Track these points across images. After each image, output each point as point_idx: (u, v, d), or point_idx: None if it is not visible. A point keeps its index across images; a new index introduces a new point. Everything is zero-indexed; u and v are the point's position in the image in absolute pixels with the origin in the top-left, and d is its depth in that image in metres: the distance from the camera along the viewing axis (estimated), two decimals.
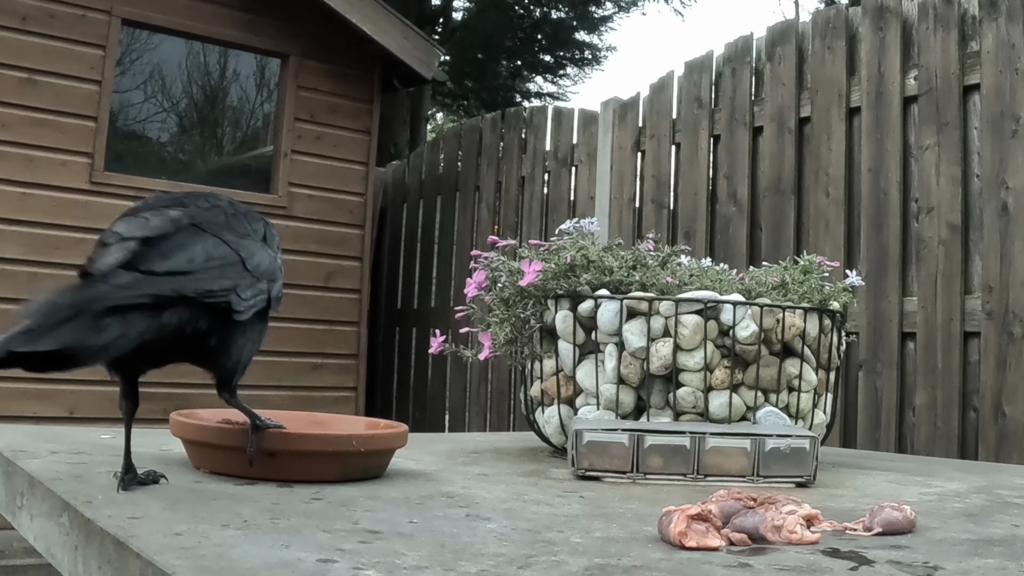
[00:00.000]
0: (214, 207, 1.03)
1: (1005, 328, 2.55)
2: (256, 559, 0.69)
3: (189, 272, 0.93)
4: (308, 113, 4.73)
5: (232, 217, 1.03)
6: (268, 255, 1.03)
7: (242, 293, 0.95)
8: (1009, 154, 2.59)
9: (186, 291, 0.90)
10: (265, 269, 1.01)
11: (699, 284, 1.51)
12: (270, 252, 1.05)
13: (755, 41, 3.40)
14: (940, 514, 1.03)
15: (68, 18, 4.11)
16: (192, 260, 0.94)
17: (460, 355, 1.64)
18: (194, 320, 0.92)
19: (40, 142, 4.04)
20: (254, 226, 1.06)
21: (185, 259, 0.93)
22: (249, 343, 1.00)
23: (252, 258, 1.00)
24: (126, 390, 1.00)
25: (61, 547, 0.88)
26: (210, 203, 1.03)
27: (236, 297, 0.95)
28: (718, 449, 1.20)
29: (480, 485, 1.14)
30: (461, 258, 4.71)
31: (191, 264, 0.93)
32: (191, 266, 0.93)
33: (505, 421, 4.35)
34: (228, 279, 0.95)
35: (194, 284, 0.91)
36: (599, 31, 12.28)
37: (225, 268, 0.96)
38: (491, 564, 0.71)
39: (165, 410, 1.19)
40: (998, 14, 2.64)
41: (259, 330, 1.02)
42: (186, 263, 0.93)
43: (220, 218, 1.01)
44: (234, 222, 1.03)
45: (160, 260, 0.92)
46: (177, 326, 0.91)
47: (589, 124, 4.12)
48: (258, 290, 0.98)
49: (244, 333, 0.98)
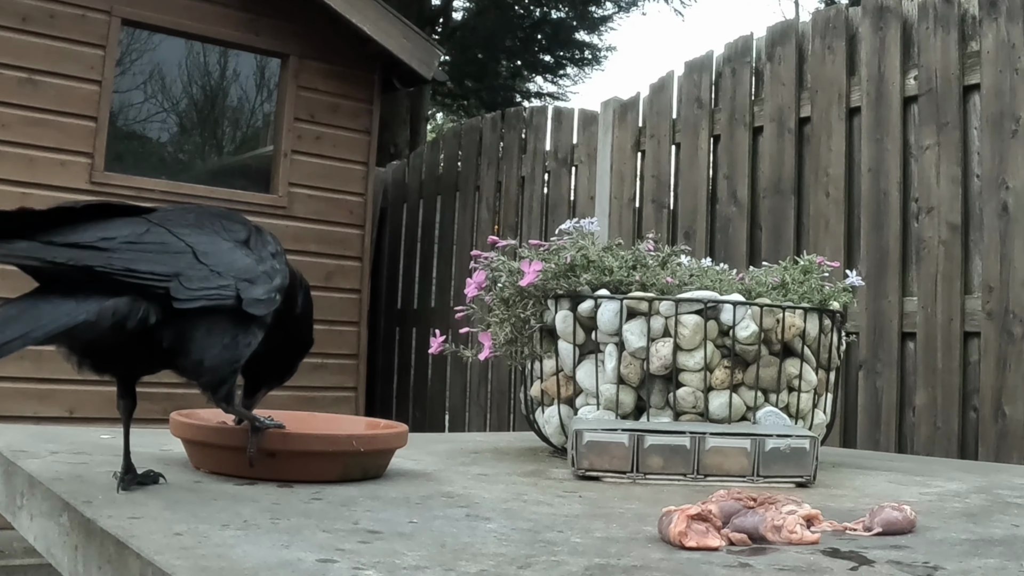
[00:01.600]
0: (188, 211, 0.99)
1: (1005, 328, 2.55)
2: (256, 559, 0.69)
3: (101, 248, 0.86)
4: (308, 113, 4.73)
5: (206, 218, 0.99)
6: (242, 256, 0.98)
7: (187, 283, 0.90)
8: (1009, 154, 2.59)
9: (88, 262, 0.83)
10: (233, 268, 0.96)
11: (699, 284, 1.51)
12: (250, 255, 1.00)
13: (755, 41, 3.40)
14: (940, 514, 1.03)
15: (68, 18, 4.11)
16: (110, 239, 0.87)
17: (460, 355, 1.64)
18: (134, 312, 0.87)
19: (40, 142, 4.04)
20: (231, 228, 1.01)
21: (98, 236, 0.87)
22: (214, 345, 0.94)
23: (210, 255, 0.94)
24: (122, 390, 1.00)
25: (61, 547, 0.88)
26: (190, 209, 1.00)
27: (177, 284, 0.89)
28: (718, 449, 1.20)
29: (480, 485, 1.14)
30: (461, 258, 4.71)
31: (107, 242, 0.86)
32: (106, 244, 0.86)
33: (505, 421, 4.35)
34: (165, 265, 0.90)
35: (106, 259, 0.85)
36: (599, 31, 12.28)
37: (164, 255, 0.91)
38: (491, 564, 0.71)
39: (165, 410, 1.19)
40: (998, 14, 2.64)
41: (232, 333, 0.96)
42: (97, 239, 0.86)
43: (186, 218, 0.97)
44: (205, 222, 0.98)
45: (69, 233, 0.85)
46: (113, 322, 0.86)
47: (589, 124, 4.12)
48: (215, 284, 0.93)
49: (208, 333, 0.93)
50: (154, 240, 0.91)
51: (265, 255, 1.02)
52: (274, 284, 1.01)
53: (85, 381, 4.04)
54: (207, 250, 0.95)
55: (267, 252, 1.03)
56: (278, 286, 1.02)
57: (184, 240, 0.94)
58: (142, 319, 0.89)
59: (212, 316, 0.93)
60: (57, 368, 3.84)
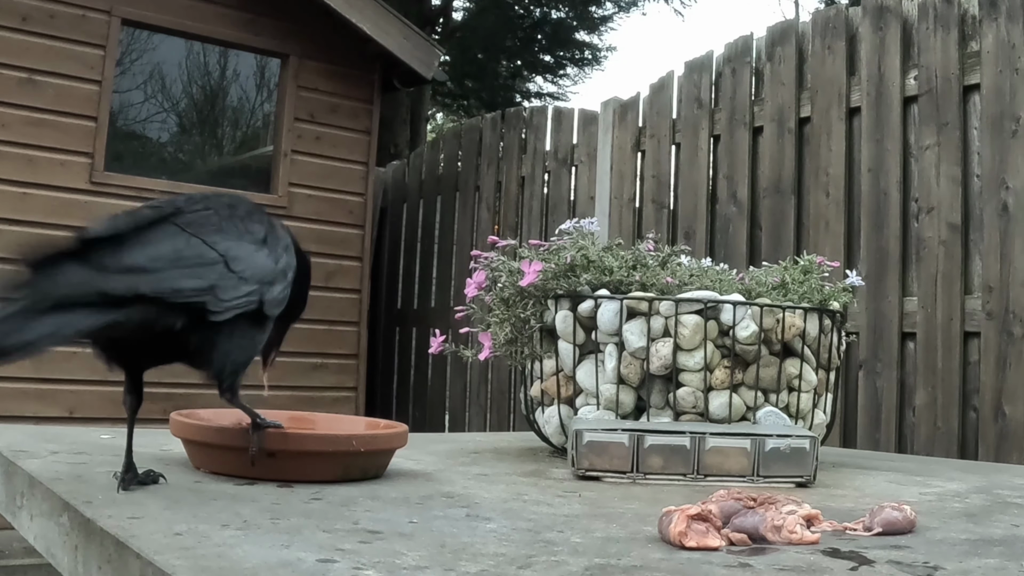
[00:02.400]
0: (209, 209, 1.01)
1: (1005, 328, 2.55)
2: (256, 559, 0.69)
3: (150, 270, 0.89)
4: (308, 113, 4.73)
5: (228, 220, 1.01)
6: (264, 258, 1.01)
7: (222, 295, 0.93)
8: (1009, 154, 2.59)
9: (141, 289, 0.86)
10: (257, 272, 0.99)
11: (699, 284, 1.51)
12: (269, 255, 1.02)
13: (755, 41, 3.40)
14: (940, 514, 1.03)
15: (68, 18, 4.11)
16: (157, 258, 0.90)
17: (460, 355, 1.64)
18: (162, 318, 0.90)
19: (40, 142, 4.04)
20: (251, 228, 1.03)
21: (146, 256, 0.90)
22: (236, 348, 0.97)
23: (239, 260, 0.97)
24: (130, 385, 1.00)
25: (61, 547, 0.88)
26: (209, 205, 1.01)
27: (212, 297, 0.92)
28: (718, 449, 1.20)
29: (480, 485, 1.14)
30: (461, 258, 4.71)
31: (154, 262, 0.90)
32: (154, 264, 0.90)
33: (505, 421, 4.35)
34: (202, 279, 0.93)
35: (155, 283, 0.88)
36: (599, 31, 12.28)
37: (201, 268, 0.93)
38: (491, 564, 0.71)
39: (165, 410, 1.19)
40: (998, 14, 2.64)
41: (251, 334, 1.00)
42: (147, 260, 0.89)
43: (212, 220, 0.99)
44: (228, 224, 1.00)
45: (117, 256, 0.88)
46: (140, 324, 0.88)
47: (589, 124, 4.12)
48: (244, 292, 0.96)
49: (230, 337, 0.96)
50: (192, 254, 0.94)
51: (279, 251, 1.06)
52: (288, 279, 1.05)
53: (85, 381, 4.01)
54: (236, 255, 0.97)
55: (281, 248, 1.06)
56: (290, 280, 1.06)
57: (216, 249, 0.96)
58: (170, 325, 0.91)
59: (235, 320, 0.96)
60: (57, 368, 3.85)
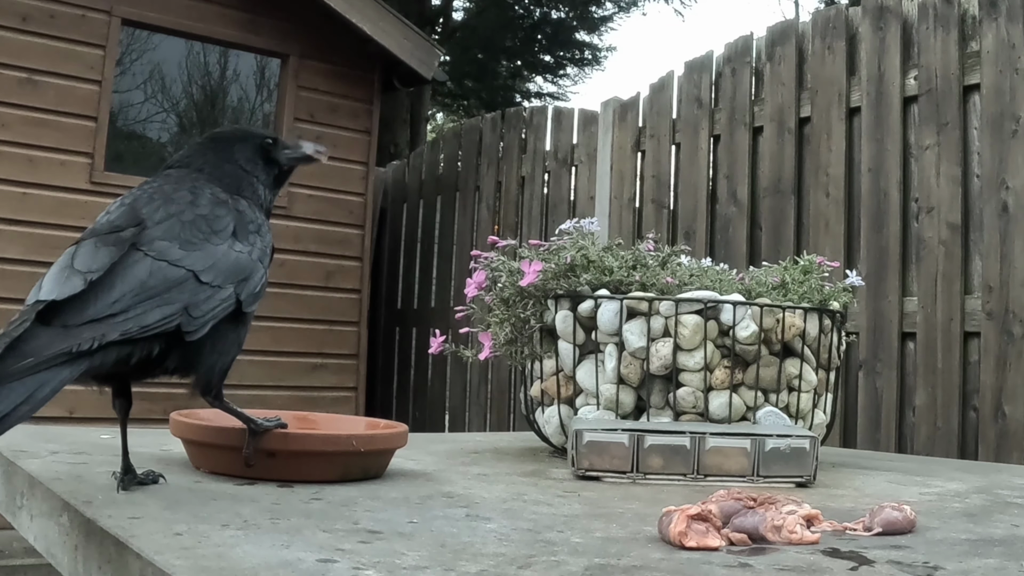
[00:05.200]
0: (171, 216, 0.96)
1: (1005, 328, 2.55)
2: (256, 559, 0.69)
3: (116, 313, 0.86)
4: (308, 113, 4.74)
5: (191, 224, 0.97)
6: (236, 254, 0.98)
7: (195, 312, 0.91)
8: (1009, 154, 2.59)
9: (109, 337, 0.84)
10: (231, 273, 0.96)
11: (699, 284, 1.51)
12: (242, 247, 0.99)
13: (755, 41, 3.40)
14: (940, 514, 1.03)
15: (68, 18, 4.11)
16: (120, 298, 0.87)
17: (460, 355, 1.64)
18: (138, 351, 0.89)
19: (40, 142, 4.05)
20: (218, 224, 0.99)
21: (109, 301, 0.87)
22: (218, 354, 0.97)
23: (209, 270, 0.94)
24: (117, 390, 1.00)
25: (61, 547, 0.88)
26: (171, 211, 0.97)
27: (186, 318, 0.90)
28: (718, 449, 1.20)
29: (480, 485, 1.14)
30: (461, 258, 4.71)
31: (118, 304, 0.87)
32: (118, 306, 0.87)
33: (505, 421, 4.35)
34: (172, 303, 0.90)
35: (121, 325, 0.86)
36: (599, 31, 12.28)
37: (169, 292, 0.90)
38: (491, 564, 0.71)
39: (165, 410, 1.19)
40: (998, 14, 2.64)
41: (233, 335, 0.98)
42: (109, 305, 0.87)
43: (174, 229, 0.95)
44: (191, 229, 0.96)
45: (81, 308, 0.86)
46: (116, 362, 0.87)
47: (589, 124, 4.12)
48: (218, 300, 0.94)
49: (213, 346, 0.95)
50: (158, 280, 0.90)
51: (253, 237, 1.02)
52: (266, 264, 1.02)
53: None
54: (204, 266, 0.94)
55: (252, 230, 1.02)
56: (268, 264, 1.03)
57: (182, 266, 0.93)
58: (147, 353, 0.90)
59: (215, 327, 0.94)
60: None
